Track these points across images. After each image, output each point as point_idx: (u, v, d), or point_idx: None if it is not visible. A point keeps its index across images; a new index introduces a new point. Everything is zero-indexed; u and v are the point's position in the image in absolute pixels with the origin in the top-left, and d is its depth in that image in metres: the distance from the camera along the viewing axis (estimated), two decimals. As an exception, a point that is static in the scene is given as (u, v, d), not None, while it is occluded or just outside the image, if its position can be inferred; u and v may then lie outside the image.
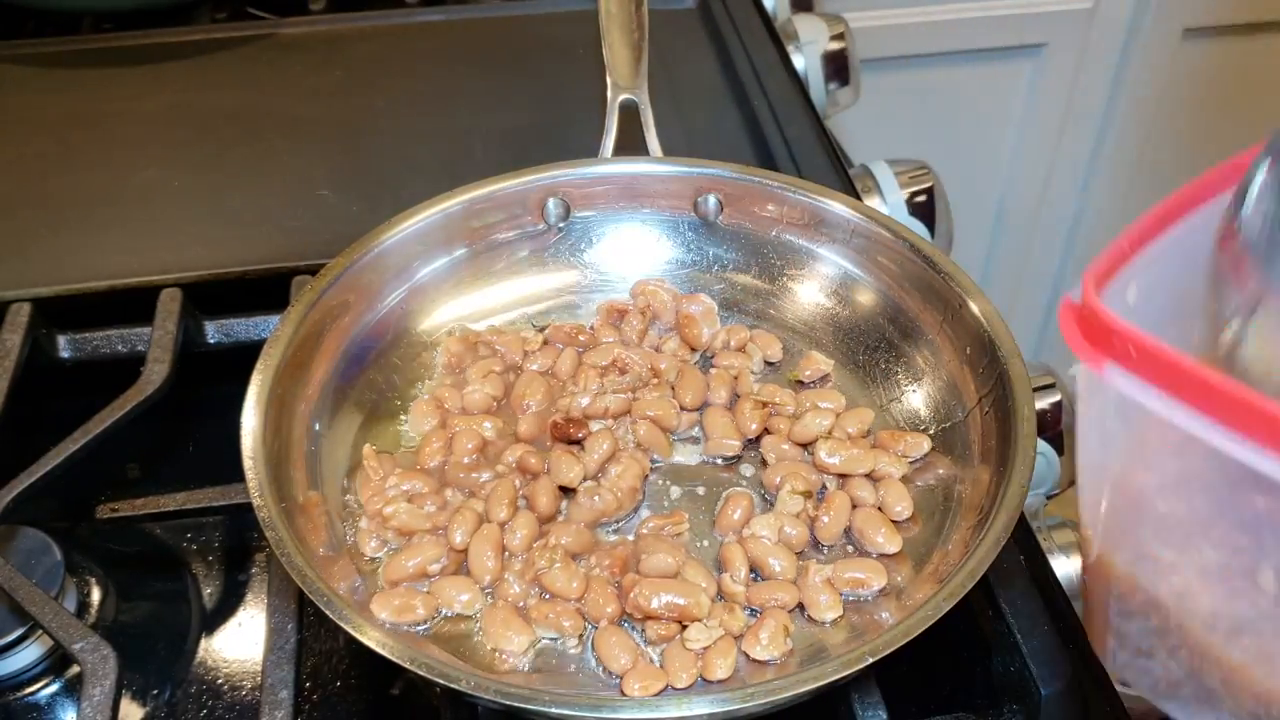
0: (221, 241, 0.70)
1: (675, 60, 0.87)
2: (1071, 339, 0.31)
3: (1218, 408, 0.27)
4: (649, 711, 0.42)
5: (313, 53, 0.89)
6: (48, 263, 0.68)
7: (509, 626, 0.49)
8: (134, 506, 0.61)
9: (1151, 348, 0.29)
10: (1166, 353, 0.28)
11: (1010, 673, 0.49)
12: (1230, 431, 0.27)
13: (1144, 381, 0.29)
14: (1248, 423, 0.26)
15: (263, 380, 0.52)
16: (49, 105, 0.83)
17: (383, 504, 0.53)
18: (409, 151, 0.78)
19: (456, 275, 0.63)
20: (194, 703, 0.52)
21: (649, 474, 0.56)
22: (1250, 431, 0.26)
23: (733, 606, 0.49)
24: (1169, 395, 0.28)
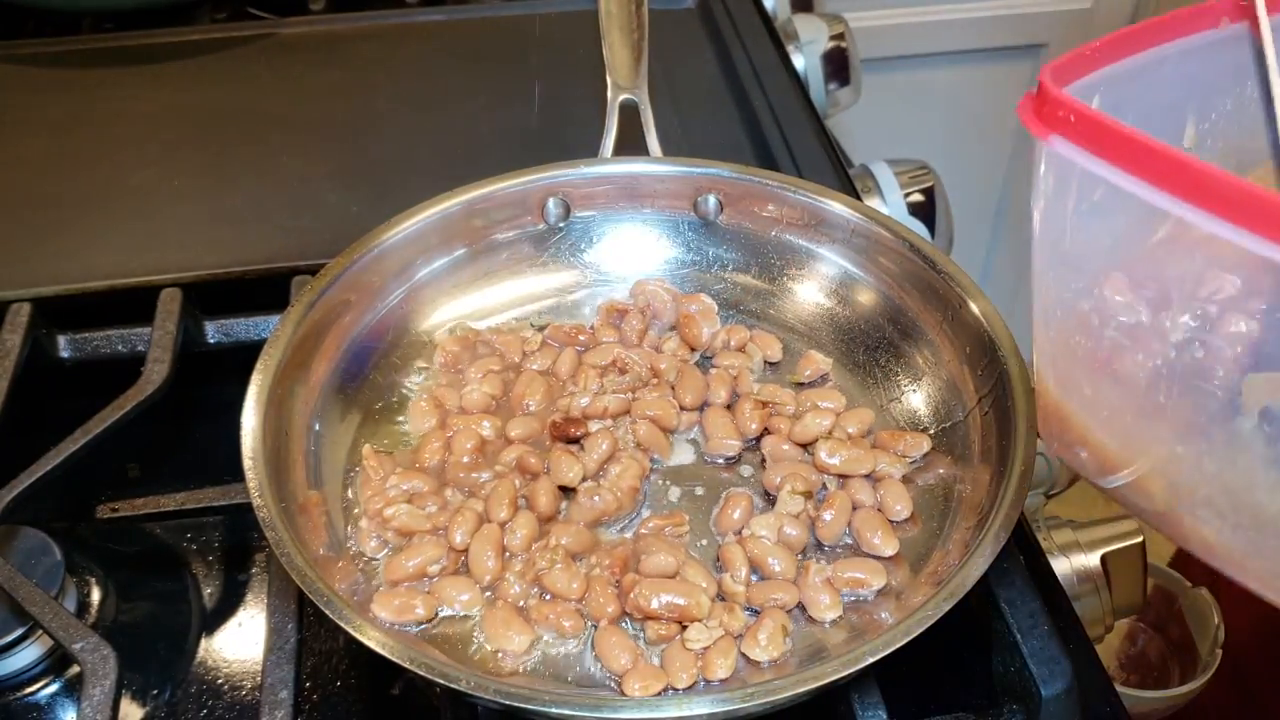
0: (221, 241, 0.70)
1: (675, 60, 0.87)
2: (1025, 118, 0.34)
3: (1150, 168, 0.30)
4: (649, 711, 0.42)
5: (313, 53, 0.89)
6: (48, 263, 0.68)
7: (509, 626, 0.49)
8: (134, 506, 0.61)
9: (1088, 114, 0.32)
10: (1101, 118, 0.32)
11: (1010, 673, 0.49)
12: (1160, 188, 0.30)
13: (1082, 147, 0.32)
14: (1177, 181, 0.30)
15: (263, 380, 0.52)
16: (49, 105, 0.83)
17: (383, 504, 0.53)
18: (409, 151, 0.78)
19: (456, 275, 0.64)
20: (194, 703, 0.52)
21: (649, 474, 0.56)
22: (1182, 191, 0.30)
23: (733, 606, 0.49)
24: (1105, 158, 0.32)
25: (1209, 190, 0.29)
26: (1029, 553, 0.56)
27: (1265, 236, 0.28)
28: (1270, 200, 0.27)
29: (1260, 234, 0.28)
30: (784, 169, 0.75)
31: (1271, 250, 0.28)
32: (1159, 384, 0.35)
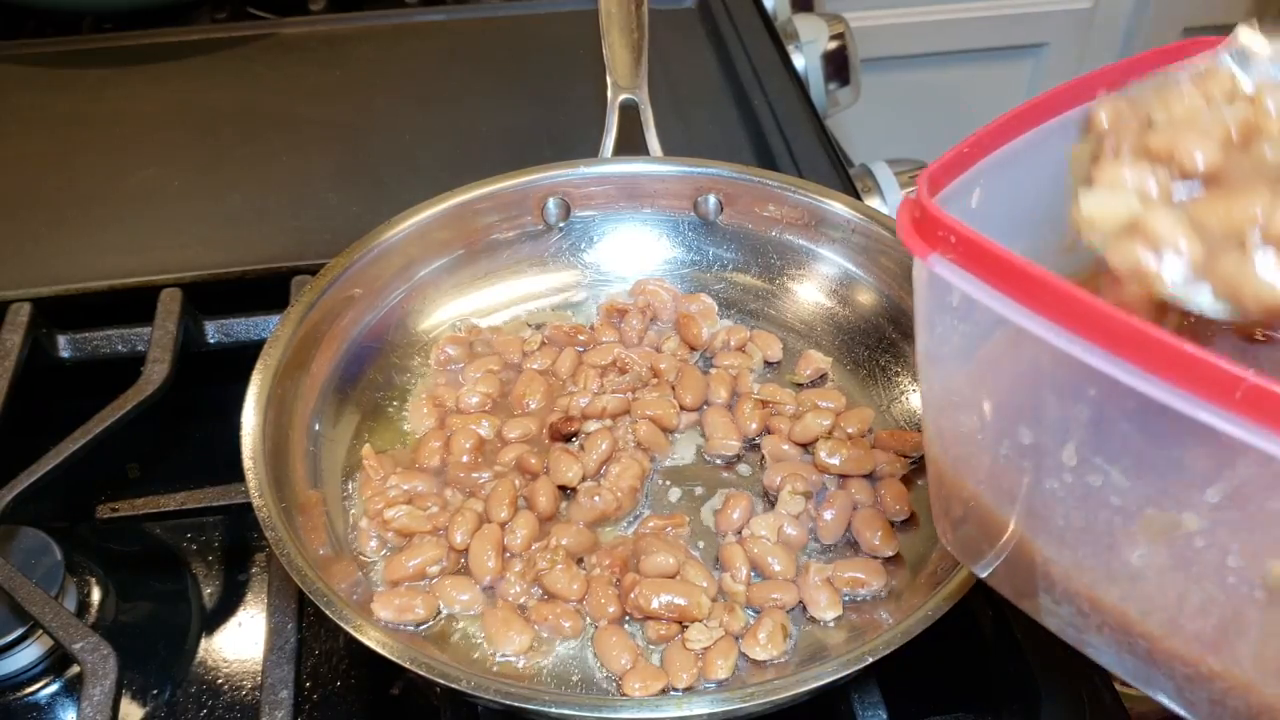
0: (221, 241, 0.70)
1: (675, 60, 0.87)
2: (903, 232, 0.33)
3: (1029, 294, 0.29)
4: (649, 711, 0.42)
5: (313, 53, 0.89)
6: (48, 263, 0.68)
7: (509, 626, 0.49)
8: (134, 506, 0.61)
9: (968, 236, 0.30)
10: (981, 241, 0.30)
11: (1010, 673, 0.49)
12: (1042, 317, 0.29)
13: (963, 269, 0.31)
14: (1060, 309, 0.28)
15: (263, 380, 0.52)
16: (49, 105, 0.83)
17: (383, 504, 0.53)
18: (409, 151, 0.78)
19: (456, 275, 0.64)
20: (194, 703, 0.52)
21: (649, 474, 0.56)
22: (1062, 318, 0.28)
23: (733, 606, 0.49)
24: (984, 282, 0.30)
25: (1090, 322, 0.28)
26: (1029, 553, 0.55)
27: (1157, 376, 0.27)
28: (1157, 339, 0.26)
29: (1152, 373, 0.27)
30: (784, 169, 0.75)
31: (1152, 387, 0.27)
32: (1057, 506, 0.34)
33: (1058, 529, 0.34)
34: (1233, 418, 0.26)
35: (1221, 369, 0.26)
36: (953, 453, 0.38)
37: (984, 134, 0.36)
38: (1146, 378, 0.27)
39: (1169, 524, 0.30)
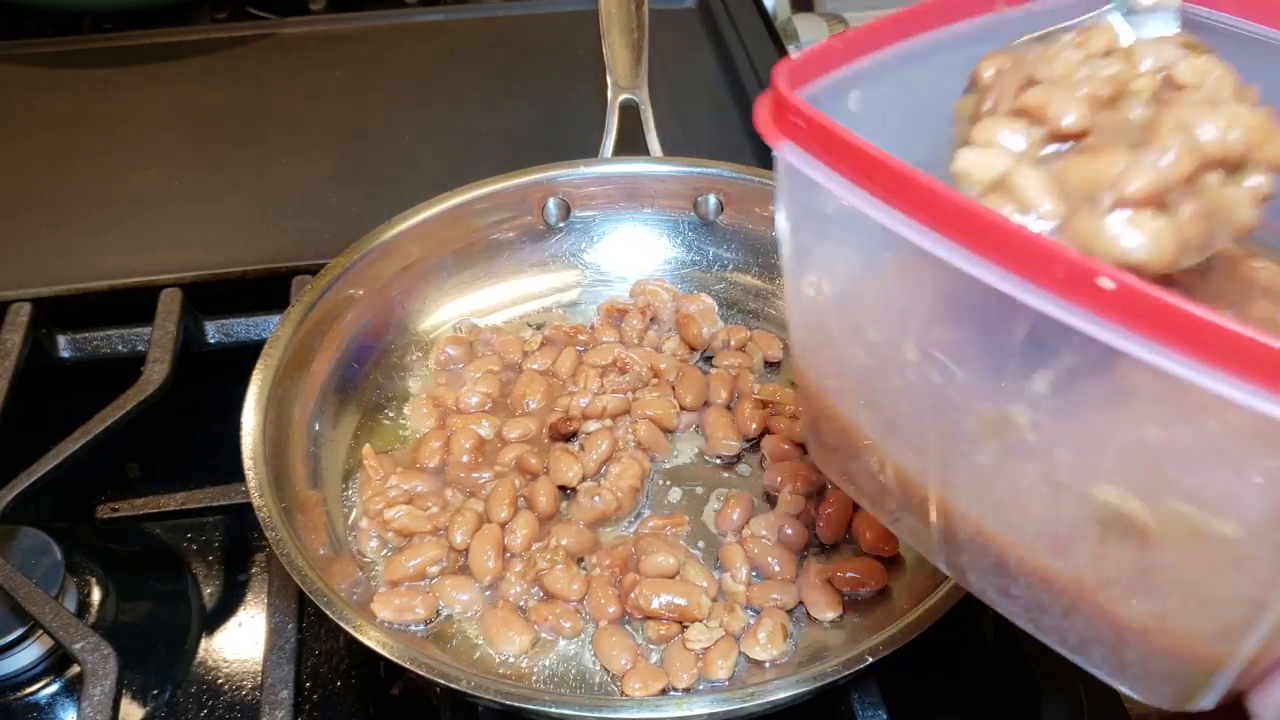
0: (221, 241, 0.70)
1: (675, 60, 0.87)
2: (759, 121, 0.32)
3: (866, 174, 0.29)
4: (649, 711, 0.42)
5: (313, 53, 0.89)
6: (48, 263, 0.68)
7: (509, 626, 0.49)
8: (134, 506, 0.61)
9: (815, 120, 0.30)
10: (826, 124, 0.30)
11: (1010, 673, 0.49)
12: (876, 198, 0.29)
13: (809, 155, 0.30)
14: (891, 189, 0.28)
15: (263, 380, 0.52)
16: (49, 105, 0.83)
17: (383, 505, 0.53)
18: (409, 151, 0.78)
19: (456, 275, 0.64)
20: (194, 703, 0.52)
21: (649, 474, 0.56)
22: (893, 198, 0.28)
23: (733, 606, 0.49)
24: (827, 165, 0.30)
25: (918, 201, 0.27)
26: (1029, 553, 0.55)
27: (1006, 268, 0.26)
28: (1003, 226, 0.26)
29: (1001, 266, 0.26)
30: (784, 169, 0.75)
31: (993, 276, 0.26)
32: (899, 403, 0.33)
33: (908, 435, 0.34)
34: (1053, 298, 0.25)
35: (1042, 245, 0.25)
36: (815, 363, 0.37)
37: (859, 32, 0.35)
38: (970, 257, 0.27)
39: (1002, 420, 0.30)
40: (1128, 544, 0.29)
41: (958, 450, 0.32)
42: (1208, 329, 0.23)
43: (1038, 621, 0.34)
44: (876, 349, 0.34)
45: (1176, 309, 0.24)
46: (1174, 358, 0.24)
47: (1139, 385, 0.27)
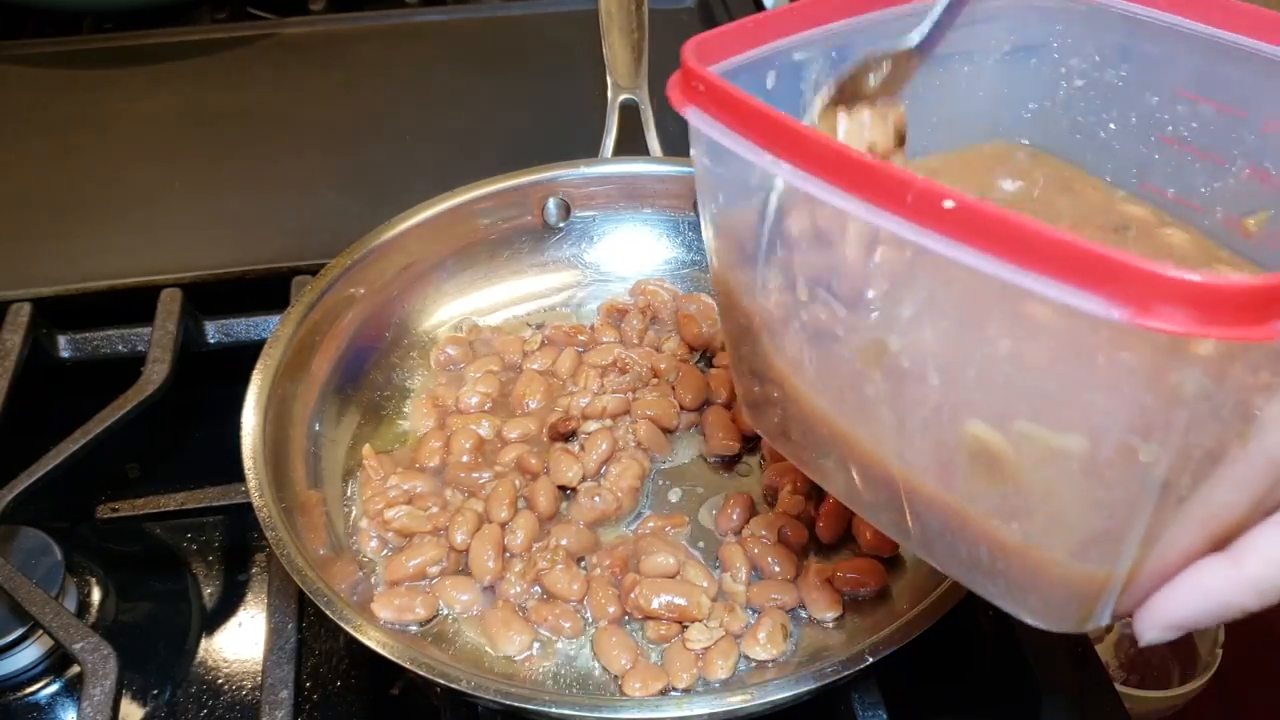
0: (221, 241, 0.70)
1: (675, 60, 0.86)
2: (670, 92, 0.35)
3: (759, 129, 0.32)
4: (649, 711, 0.42)
5: (313, 53, 0.89)
6: (48, 263, 0.68)
7: (509, 626, 0.49)
8: (134, 506, 0.61)
9: (713, 83, 0.33)
10: (719, 85, 0.33)
11: (1010, 673, 0.49)
12: (766, 148, 0.31)
13: (709, 116, 0.33)
14: (770, 135, 0.31)
15: (263, 380, 0.52)
16: (49, 105, 0.83)
17: (383, 505, 0.53)
18: (409, 151, 0.78)
19: (456, 275, 0.64)
20: (194, 703, 0.52)
21: (649, 474, 0.56)
22: (771, 143, 0.31)
23: (733, 606, 0.49)
24: (723, 124, 0.33)
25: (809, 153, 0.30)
26: (1029, 553, 0.55)
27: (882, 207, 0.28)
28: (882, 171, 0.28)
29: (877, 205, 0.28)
30: (784, 169, 0.75)
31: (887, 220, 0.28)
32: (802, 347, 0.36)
33: (814, 377, 0.36)
34: (905, 222, 0.28)
35: (892, 175, 0.28)
36: (735, 315, 0.39)
37: (768, 15, 0.37)
38: (834, 190, 0.29)
39: (879, 348, 0.32)
40: (994, 470, 0.31)
41: (851, 385, 0.34)
42: (1037, 238, 0.25)
43: (933, 550, 0.37)
44: (778, 297, 0.36)
45: (1008, 220, 0.26)
46: (1010, 268, 0.26)
47: (987, 305, 0.29)
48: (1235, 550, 0.30)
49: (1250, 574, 0.29)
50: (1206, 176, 0.39)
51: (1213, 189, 0.39)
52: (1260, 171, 0.38)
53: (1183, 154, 0.40)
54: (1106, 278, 0.25)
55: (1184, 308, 0.24)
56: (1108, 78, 0.42)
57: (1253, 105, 0.38)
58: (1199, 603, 0.30)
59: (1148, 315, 0.24)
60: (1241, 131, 0.38)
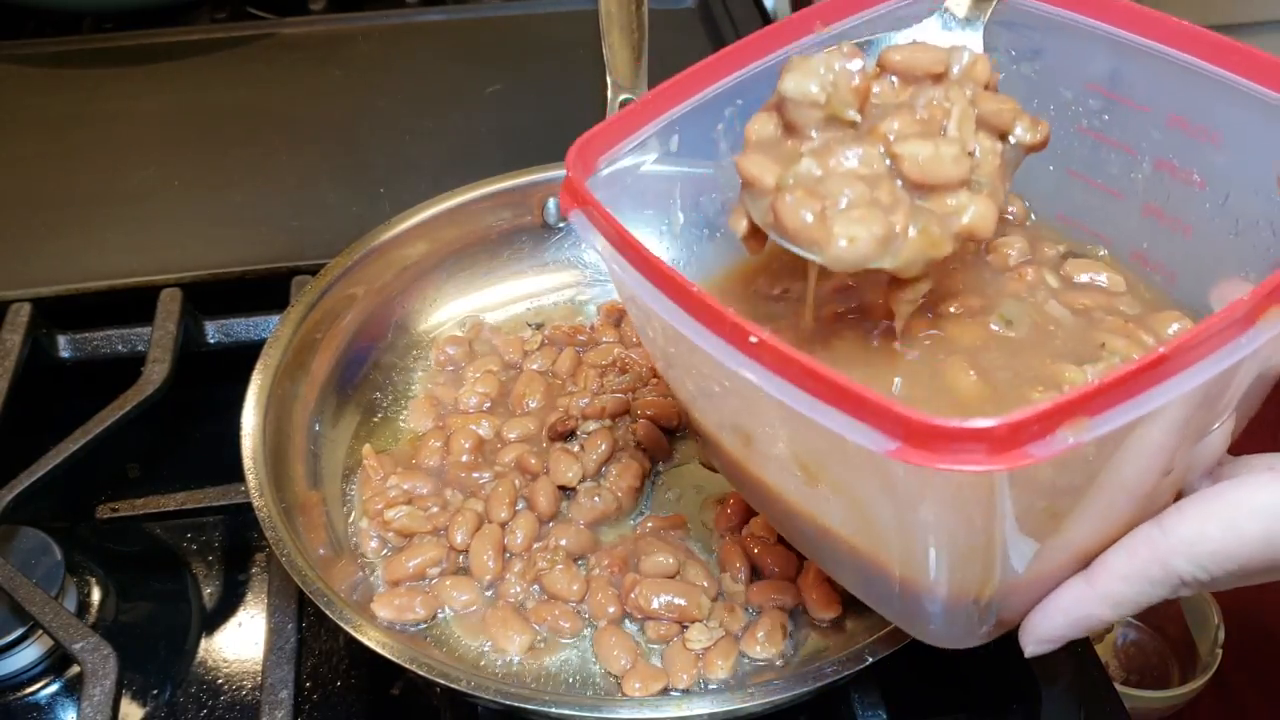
0: (221, 241, 0.70)
1: (675, 60, 0.86)
2: (562, 193, 0.38)
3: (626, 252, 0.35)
4: (649, 711, 0.42)
5: (313, 53, 0.89)
6: (48, 263, 0.68)
7: (509, 626, 0.49)
8: (134, 506, 0.61)
9: (593, 202, 0.36)
10: (596, 210, 0.36)
11: (1010, 673, 0.49)
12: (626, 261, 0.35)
13: (594, 228, 0.37)
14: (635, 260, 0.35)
15: (263, 380, 0.52)
16: (49, 105, 0.83)
17: (383, 505, 0.53)
18: (409, 151, 0.78)
19: (456, 275, 0.64)
20: (194, 703, 0.52)
21: (649, 474, 0.56)
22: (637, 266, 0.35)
23: (733, 606, 0.49)
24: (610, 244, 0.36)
25: (658, 279, 0.34)
26: (1029, 553, 0.55)
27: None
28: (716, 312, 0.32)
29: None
30: (784, 169, 0.75)
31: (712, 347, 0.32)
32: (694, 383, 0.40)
33: (714, 414, 0.40)
34: (722, 343, 0.32)
35: (719, 311, 0.31)
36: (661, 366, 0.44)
37: (649, 99, 0.41)
38: (678, 314, 0.33)
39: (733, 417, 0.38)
40: (814, 489, 0.36)
41: (726, 411, 0.39)
42: (820, 378, 0.29)
43: (828, 567, 0.42)
44: (659, 353, 0.42)
45: (797, 360, 0.30)
46: (797, 397, 0.30)
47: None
48: (1090, 570, 0.34)
49: (1101, 590, 0.33)
50: (1122, 166, 0.42)
51: (1129, 179, 0.42)
52: (1167, 164, 0.40)
53: (1099, 144, 0.42)
54: (873, 416, 0.28)
55: (937, 447, 0.27)
56: (1023, 71, 0.44)
57: (1156, 101, 0.40)
58: (1062, 619, 0.35)
59: (903, 453, 0.27)
60: (1147, 126, 0.41)
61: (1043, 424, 0.27)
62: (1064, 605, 0.35)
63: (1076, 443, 0.27)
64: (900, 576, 0.35)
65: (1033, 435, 0.27)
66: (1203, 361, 0.28)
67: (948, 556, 0.33)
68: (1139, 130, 0.41)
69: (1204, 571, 0.32)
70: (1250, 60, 0.36)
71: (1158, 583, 0.33)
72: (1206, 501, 0.32)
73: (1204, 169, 0.39)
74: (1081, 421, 0.27)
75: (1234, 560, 0.32)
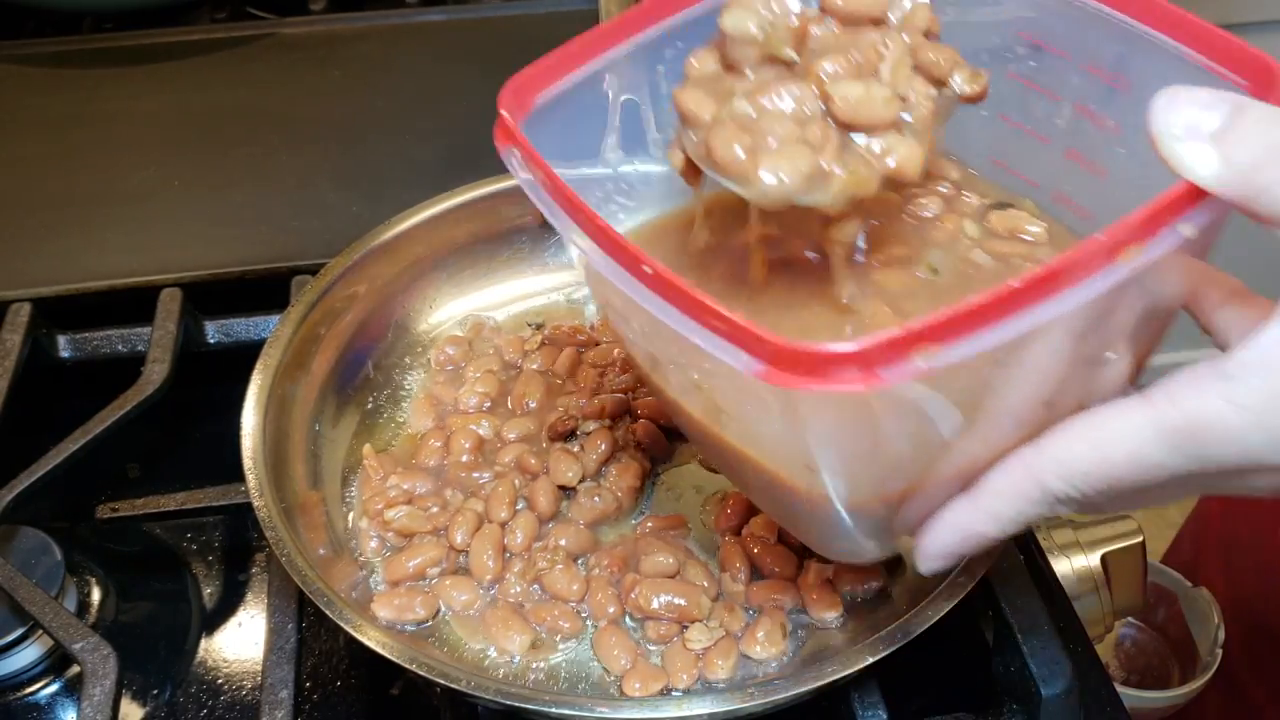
0: (221, 241, 0.70)
1: (675, 60, 0.87)
2: (495, 130, 0.39)
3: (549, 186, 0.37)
4: (649, 711, 0.42)
5: (313, 53, 0.89)
6: (48, 263, 0.68)
7: (509, 626, 0.49)
8: (134, 506, 0.61)
9: (517, 136, 0.38)
10: (525, 143, 0.38)
11: (1010, 673, 0.49)
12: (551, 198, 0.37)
13: (523, 166, 0.38)
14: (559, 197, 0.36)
15: (263, 380, 0.52)
16: (49, 105, 0.83)
17: (383, 505, 0.53)
18: (409, 151, 0.78)
19: (456, 275, 0.64)
20: (194, 703, 0.52)
21: (649, 474, 0.56)
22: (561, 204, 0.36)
23: (733, 606, 0.49)
24: (535, 174, 0.37)
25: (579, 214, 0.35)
26: (1029, 553, 0.56)
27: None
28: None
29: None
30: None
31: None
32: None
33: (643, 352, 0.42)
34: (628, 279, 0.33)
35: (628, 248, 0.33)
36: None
37: (589, 38, 0.43)
38: (596, 251, 0.35)
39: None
40: (714, 408, 0.38)
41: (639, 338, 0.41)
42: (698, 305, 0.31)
43: (748, 493, 0.45)
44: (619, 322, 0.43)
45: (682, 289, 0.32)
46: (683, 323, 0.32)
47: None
48: (973, 489, 0.36)
49: (983, 507, 0.35)
50: (1046, 111, 0.44)
51: (1052, 124, 0.44)
52: (1085, 109, 0.42)
53: (1028, 90, 0.44)
54: (742, 340, 0.30)
55: (797, 369, 0.30)
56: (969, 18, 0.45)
57: (1074, 48, 0.42)
58: (949, 535, 0.37)
59: (769, 374, 0.30)
60: (1067, 72, 0.43)
61: (896, 349, 0.29)
62: (950, 522, 0.36)
63: (927, 368, 0.29)
64: (804, 495, 0.37)
65: (886, 359, 0.29)
66: (1053, 299, 0.30)
67: (834, 474, 0.35)
68: (1060, 76, 0.43)
69: (1075, 490, 0.34)
70: (1153, 10, 0.38)
71: (1033, 500, 0.34)
72: (1079, 424, 0.34)
73: (1116, 114, 0.41)
74: (932, 348, 0.29)
75: (1103, 479, 0.33)
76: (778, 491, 0.39)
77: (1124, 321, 0.35)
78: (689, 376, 0.39)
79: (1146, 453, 0.32)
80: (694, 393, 0.39)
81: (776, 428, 0.36)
